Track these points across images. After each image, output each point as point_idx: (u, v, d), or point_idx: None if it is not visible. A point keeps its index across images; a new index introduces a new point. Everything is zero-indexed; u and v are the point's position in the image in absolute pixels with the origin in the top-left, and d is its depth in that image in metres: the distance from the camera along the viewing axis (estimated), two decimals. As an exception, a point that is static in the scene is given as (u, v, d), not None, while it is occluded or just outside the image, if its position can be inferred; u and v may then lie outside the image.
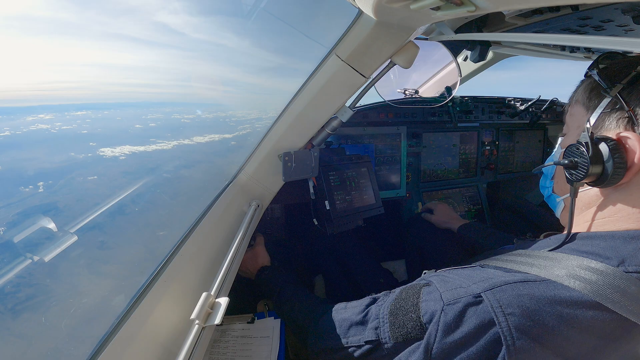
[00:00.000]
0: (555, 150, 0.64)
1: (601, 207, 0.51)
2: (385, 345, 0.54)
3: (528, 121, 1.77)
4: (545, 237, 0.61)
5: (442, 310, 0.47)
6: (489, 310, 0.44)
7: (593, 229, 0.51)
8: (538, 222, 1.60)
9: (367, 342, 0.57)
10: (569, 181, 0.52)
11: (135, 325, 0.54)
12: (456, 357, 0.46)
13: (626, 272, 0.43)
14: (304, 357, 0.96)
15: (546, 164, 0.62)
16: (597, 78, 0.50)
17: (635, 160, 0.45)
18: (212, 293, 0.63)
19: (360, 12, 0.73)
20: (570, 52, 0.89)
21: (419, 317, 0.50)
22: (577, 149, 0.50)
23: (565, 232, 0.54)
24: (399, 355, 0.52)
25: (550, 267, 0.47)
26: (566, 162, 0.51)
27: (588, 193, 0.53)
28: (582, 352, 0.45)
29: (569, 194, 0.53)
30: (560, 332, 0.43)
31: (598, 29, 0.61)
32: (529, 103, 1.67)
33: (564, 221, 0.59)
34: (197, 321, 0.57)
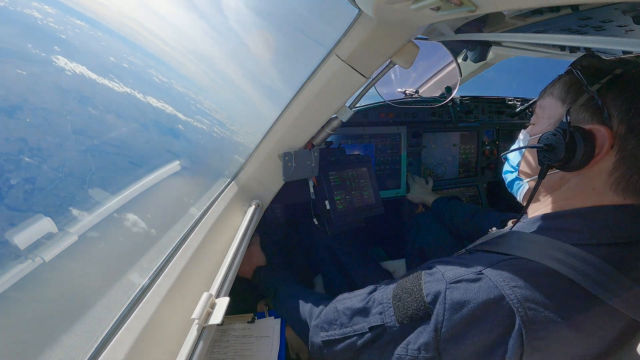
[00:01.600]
0: (520, 138, 0.70)
1: (564, 190, 0.57)
2: (391, 330, 0.54)
3: (528, 121, 1.77)
4: (513, 223, 0.68)
5: (447, 288, 0.49)
6: (495, 285, 0.46)
7: (558, 209, 0.57)
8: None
9: (371, 329, 0.57)
10: (540, 163, 0.57)
11: (135, 325, 0.54)
12: (468, 335, 0.46)
13: (599, 245, 0.48)
14: (304, 357, 0.97)
15: (516, 148, 0.67)
16: (579, 75, 0.55)
17: (603, 149, 0.50)
18: (213, 293, 0.64)
19: (360, 12, 0.73)
20: (570, 52, 0.89)
21: (423, 298, 0.51)
22: (554, 135, 0.54)
23: (527, 212, 0.61)
24: (407, 338, 0.52)
25: (532, 249, 0.51)
26: (542, 145, 0.56)
27: (554, 176, 0.58)
28: (591, 322, 0.46)
29: (535, 176, 0.59)
30: (564, 300, 0.45)
31: (598, 29, 0.61)
32: (529, 103, 1.67)
33: (525, 201, 0.64)
34: (197, 321, 0.57)
